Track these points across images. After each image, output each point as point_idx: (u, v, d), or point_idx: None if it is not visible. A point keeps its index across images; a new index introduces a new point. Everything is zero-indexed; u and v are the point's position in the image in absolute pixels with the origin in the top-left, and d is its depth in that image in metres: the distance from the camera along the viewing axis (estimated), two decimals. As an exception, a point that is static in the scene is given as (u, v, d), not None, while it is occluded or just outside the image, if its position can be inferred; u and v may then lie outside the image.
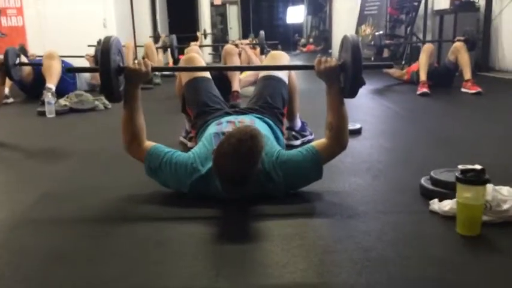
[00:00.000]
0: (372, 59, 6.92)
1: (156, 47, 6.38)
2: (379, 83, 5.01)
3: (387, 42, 6.21)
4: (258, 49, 5.67)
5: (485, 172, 1.34)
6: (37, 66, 4.35)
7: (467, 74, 4.30)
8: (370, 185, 1.85)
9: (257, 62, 4.99)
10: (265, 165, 1.65)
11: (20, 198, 1.82)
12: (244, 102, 3.26)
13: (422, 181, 1.70)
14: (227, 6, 12.98)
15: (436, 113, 3.65)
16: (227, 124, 1.84)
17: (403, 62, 6.55)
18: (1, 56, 3.20)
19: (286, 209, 1.60)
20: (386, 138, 2.76)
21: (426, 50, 4.55)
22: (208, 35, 9.28)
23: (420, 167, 1.92)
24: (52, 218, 1.62)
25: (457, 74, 4.60)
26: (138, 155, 1.74)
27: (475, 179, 1.33)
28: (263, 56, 5.37)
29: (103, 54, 1.63)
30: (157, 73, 5.59)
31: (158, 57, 6.27)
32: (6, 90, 4.35)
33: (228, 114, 2.01)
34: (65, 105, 3.84)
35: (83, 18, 7.03)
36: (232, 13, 13.56)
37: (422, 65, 4.46)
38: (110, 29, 7.01)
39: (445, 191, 1.56)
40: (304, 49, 13.91)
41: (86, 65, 5.26)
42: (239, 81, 3.95)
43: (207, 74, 2.23)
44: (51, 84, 4.09)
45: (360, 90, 1.68)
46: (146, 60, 1.76)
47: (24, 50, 5.34)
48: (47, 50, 4.52)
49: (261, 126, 1.86)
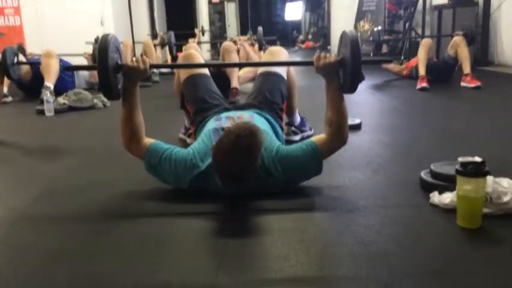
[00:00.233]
0: (371, 55, 6.91)
1: (154, 44, 6.36)
2: (379, 78, 5.00)
3: (386, 37, 6.20)
4: (257, 46, 5.66)
5: (485, 164, 1.34)
6: (35, 65, 4.34)
7: (466, 68, 4.29)
8: (370, 179, 1.85)
9: (255, 58, 4.98)
10: (265, 160, 1.64)
11: (20, 195, 1.82)
12: (243, 98, 3.26)
13: (422, 174, 1.70)
14: (225, 3, 12.94)
15: (435, 107, 3.64)
16: (226, 120, 1.83)
17: (402, 57, 6.54)
18: (-1, 55, 3.19)
19: (286, 203, 1.60)
20: (386, 133, 2.76)
21: (425, 45, 4.54)
22: (206, 32, 9.25)
23: (420, 160, 1.92)
24: (51, 215, 1.62)
25: (456, 68, 4.59)
26: (138, 152, 1.73)
27: (475, 171, 1.33)
28: (261, 53, 5.36)
29: (101, 52, 1.62)
30: (155, 71, 5.58)
31: (156, 55, 6.26)
32: (5, 89, 4.34)
33: (227, 110, 2.01)
34: (63, 103, 3.82)
35: (81, 16, 7.01)
36: (230, 10, 13.53)
37: (421, 59, 4.45)
38: (107, 27, 6.99)
39: (445, 183, 1.56)
40: (302, 46, 13.89)
41: (84, 63, 5.25)
42: (238, 78, 3.95)
43: (206, 71, 2.22)
44: (50, 82, 4.08)
45: (359, 86, 1.68)
46: (144, 57, 1.75)
47: (22, 49, 5.32)
48: (45, 48, 4.51)
49: (260, 122, 1.86)
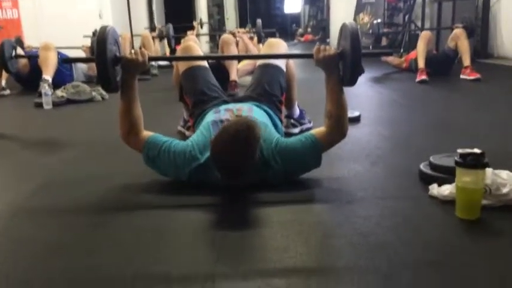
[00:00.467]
0: (370, 48, 6.89)
1: (152, 37, 6.33)
2: (378, 71, 4.99)
3: (385, 30, 6.18)
4: (256, 38, 5.64)
5: (485, 156, 1.33)
6: (34, 58, 4.33)
7: (466, 61, 4.28)
8: (369, 171, 1.85)
9: (254, 50, 4.96)
10: (264, 152, 1.64)
11: (18, 188, 1.82)
12: (242, 91, 3.25)
13: (422, 166, 1.69)
14: (224, -4, 12.91)
15: (434, 99, 3.64)
16: (225, 112, 1.83)
17: (402, 50, 6.52)
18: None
19: (285, 195, 1.60)
20: (385, 126, 2.76)
21: (424, 37, 4.53)
22: (205, 25, 9.21)
23: (419, 153, 1.91)
24: (50, 207, 1.61)
25: (456, 61, 4.58)
26: (136, 145, 1.73)
27: (475, 163, 1.32)
28: (260, 45, 5.33)
29: (99, 44, 1.61)
30: (154, 64, 5.56)
31: (155, 47, 6.23)
32: (3, 82, 4.35)
33: (225, 102, 2.00)
34: (62, 96, 3.82)
35: (79, 9, 6.97)
36: (229, 3, 13.48)
37: (421, 52, 4.44)
38: (105, 19, 6.95)
39: (444, 175, 1.56)
40: (302, 39, 13.84)
41: (82, 56, 5.23)
42: (237, 70, 3.94)
43: (205, 63, 2.21)
44: (48, 75, 4.07)
45: (359, 78, 1.67)
46: (143, 49, 1.74)
47: (20, 42, 5.30)
48: (43, 41, 4.49)
49: (259, 114, 1.85)
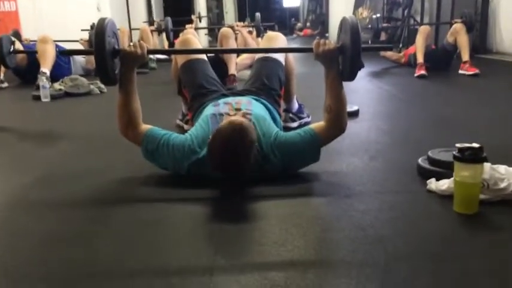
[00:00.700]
0: (369, 43, 6.87)
1: (150, 30, 6.31)
2: (377, 66, 4.99)
3: (384, 25, 6.17)
4: (254, 32, 5.62)
5: (483, 150, 1.33)
6: (32, 54, 4.31)
7: (465, 56, 4.28)
8: (368, 165, 1.85)
9: (253, 44, 4.95)
10: (263, 146, 1.64)
11: (16, 181, 1.82)
12: (240, 85, 3.24)
13: (420, 161, 1.70)
14: (223, -10, 12.85)
15: (433, 94, 3.64)
16: (224, 105, 1.82)
17: (401, 45, 6.51)
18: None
19: (284, 189, 1.60)
20: (384, 120, 2.76)
21: (423, 32, 4.52)
22: (204, 19, 9.17)
23: (417, 147, 1.92)
24: (48, 200, 1.61)
25: (455, 56, 4.58)
26: (134, 138, 1.72)
27: (473, 157, 1.32)
28: (259, 39, 5.32)
29: (98, 36, 1.60)
30: (152, 58, 5.55)
31: (154, 41, 6.21)
32: (1, 75, 4.33)
33: (224, 95, 2.00)
34: (60, 89, 3.81)
35: (77, 2, 6.93)
36: (228, -3, 13.43)
37: (419, 47, 4.44)
38: (104, 12, 6.92)
39: (443, 170, 1.56)
40: (301, 33, 13.82)
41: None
42: (235, 64, 3.93)
43: (203, 56, 2.20)
44: (46, 68, 4.07)
45: (358, 73, 1.66)
46: (142, 42, 1.73)
47: (18, 35, 5.29)
48: (41, 34, 4.46)
49: (258, 108, 1.85)
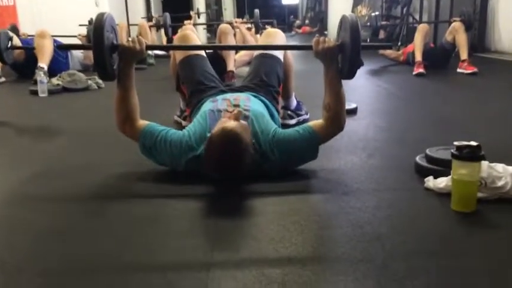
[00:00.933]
0: (368, 41, 6.87)
1: (149, 26, 6.30)
2: (375, 64, 4.98)
3: (383, 23, 6.15)
4: (253, 29, 5.61)
5: (481, 148, 1.34)
6: (29, 50, 4.30)
7: (463, 54, 4.28)
8: (366, 163, 1.85)
9: (252, 41, 4.94)
10: (261, 143, 1.64)
11: (13, 175, 1.81)
12: (239, 82, 3.24)
13: (418, 159, 1.70)
14: (221, -14, 12.82)
15: (431, 93, 3.64)
16: (222, 101, 1.82)
17: (399, 43, 6.51)
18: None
19: (282, 186, 1.59)
20: (382, 118, 2.76)
21: (421, 30, 4.52)
22: (202, 15, 9.14)
23: (415, 145, 1.92)
24: (45, 195, 1.61)
25: (453, 54, 4.58)
26: (132, 134, 1.72)
27: (471, 155, 1.33)
28: (258, 36, 5.31)
29: (96, 31, 1.59)
30: (151, 53, 5.53)
31: (152, 37, 6.20)
32: (-2, 70, 4.31)
33: (223, 92, 1.99)
34: (57, 84, 3.80)
35: (75, -4, 6.92)
36: (227, -7, 13.39)
37: (418, 45, 4.43)
38: (102, 7, 6.89)
39: (440, 168, 1.56)
40: (299, 31, 13.80)
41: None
42: (234, 61, 3.92)
43: (202, 52, 2.20)
44: (44, 63, 4.05)
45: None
46: (140, 38, 1.73)
47: (15, 30, 5.26)
48: (39, 29, 4.45)
49: (256, 104, 1.85)
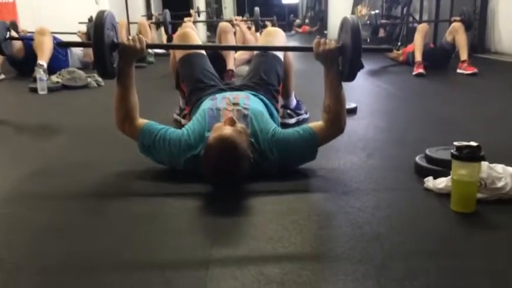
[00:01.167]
0: (368, 40, 6.86)
1: (149, 23, 6.29)
2: (375, 64, 4.98)
3: (383, 21, 6.14)
4: (253, 27, 5.60)
5: (481, 149, 1.33)
6: (28, 40, 4.29)
7: (463, 55, 4.28)
8: (365, 162, 1.85)
9: (252, 39, 4.94)
10: (260, 142, 1.64)
11: (13, 173, 1.80)
12: (238, 81, 3.24)
13: (417, 159, 1.70)
14: (221, -15, 12.80)
15: (431, 93, 3.64)
16: (222, 100, 1.81)
17: (399, 43, 6.50)
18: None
19: (281, 185, 1.59)
20: (382, 118, 2.76)
21: (421, 30, 4.51)
22: (202, 14, 9.14)
23: (415, 145, 1.91)
24: (44, 193, 1.60)
25: (453, 55, 4.57)
26: (131, 133, 1.71)
27: (471, 156, 1.32)
28: (258, 34, 5.31)
29: (96, 29, 1.58)
30: (150, 52, 5.52)
31: (152, 35, 6.19)
32: (-3, 67, 4.31)
33: (222, 90, 1.99)
34: (57, 82, 3.79)
35: (75, -6, 6.90)
36: (227, -8, 13.38)
37: (418, 45, 4.43)
38: (102, 5, 6.87)
39: (440, 168, 1.56)
40: (299, 30, 13.80)
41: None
42: (234, 59, 3.91)
43: (202, 50, 2.19)
44: (43, 60, 4.04)
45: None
46: (141, 36, 1.72)
47: (15, 26, 5.25)
48: (38, 26, 4.44)
49: (255, 103, 1.85)
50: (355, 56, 1.58)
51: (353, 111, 2.71)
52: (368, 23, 5.54)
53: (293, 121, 2.48)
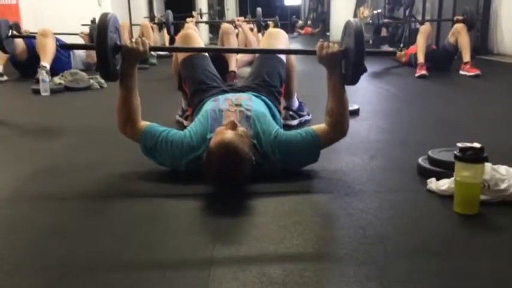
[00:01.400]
0: (370, 42, 6.86)
1: (151, 25, 6.29)
2: (378, 65, 4.98)
3: (385, 21, 6.11)
4: (255, 28, 5.60)
5: (484, 150, 1.33)
6: (30, 38, 4.31)
7: (466, 56, 4.27)
8: (368, 164, 1.84)
9: (254, 40, 4.93)
10: (262, 143, 1.64)
11: (15, 174, 1.81)
12: (241, 82, 3.23)
13: (420, 161, 1.69)
14: (224, -13, 12.81)
15: (434, 94, 3.63)
16: (224, 101, 1.81)
17: (402, 45, 6.50)
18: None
19: (283, 186, 1.59)
20: (384, 119, 2.75)
21: (424, 32, 4.51)
22: (205, 15, 9.15)
23: (418, 147, 1.91)
24: (46, 193, 1.61)
25: (456, 56, 4.57)
26: (133, 135, 1.71)
27: (474, 157, 1.32)
28: (260, 35, 5.31)
29: (100, 31, 1.58)
30: (153, 53, 5.53)
31: (154, 37, 6.20)
32: (0, 68, 4.32)
33: (225, 91, 1.99)
34: (59, 83, 3.80)
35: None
36: (230, -6, 13.39)
37: (420, 47, 4.43)
38: (104, 7, 6.90)
39: (443, 170, 1.56)
40: (302, 31, 13.80)
41: (80, 43, 5.19)
42: (236, 61, 3.92)
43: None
44: (46, 62, 4.06)
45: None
46: (144, 39, 1.72)
47: (18, 28, 5.26)
48: (41, 27, 4.45)
49: (258, 104, 1.84)
50: (358, 60, 1.57)
51: (355, 113, 2.70)
52: (370, 22, 5.52)
53: (295, 123, 2.47)
